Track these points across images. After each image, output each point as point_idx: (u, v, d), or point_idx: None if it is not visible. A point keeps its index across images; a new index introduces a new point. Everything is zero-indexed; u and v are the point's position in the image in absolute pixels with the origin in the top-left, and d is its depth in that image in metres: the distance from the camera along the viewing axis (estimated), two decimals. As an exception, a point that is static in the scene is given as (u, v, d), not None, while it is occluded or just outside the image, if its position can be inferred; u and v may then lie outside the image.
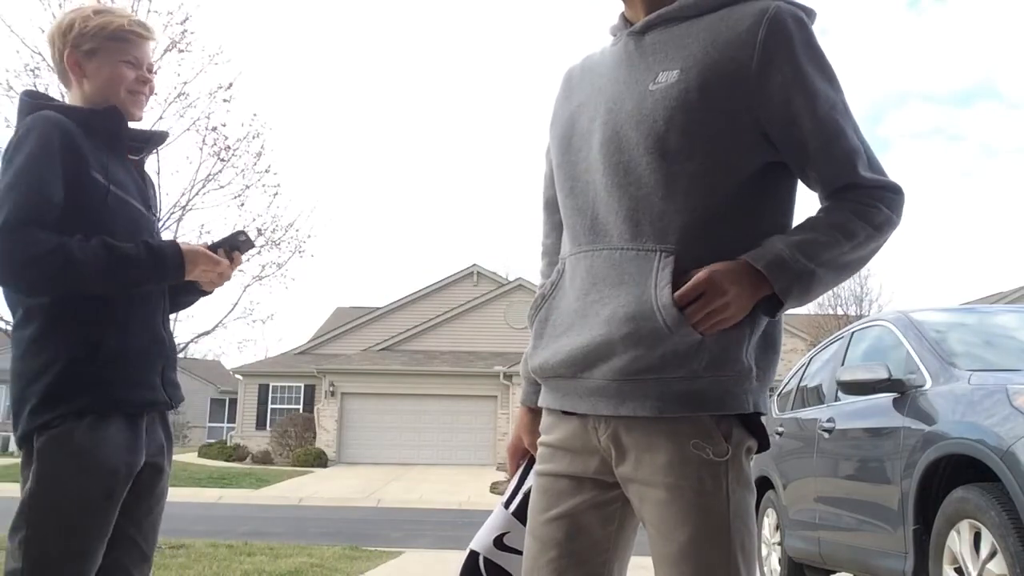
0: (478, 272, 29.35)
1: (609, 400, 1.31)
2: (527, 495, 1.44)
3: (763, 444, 1.34)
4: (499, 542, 1.43)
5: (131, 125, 2.10)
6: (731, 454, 1.28)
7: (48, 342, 1.91)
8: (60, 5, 7.83)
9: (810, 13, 1.36)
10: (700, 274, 1.24)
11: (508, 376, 24.76)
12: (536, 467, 1.45)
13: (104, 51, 2.04)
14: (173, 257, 1.97)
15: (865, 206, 1.32)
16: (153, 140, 2.20)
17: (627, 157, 1.32)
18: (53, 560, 1.84)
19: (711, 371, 1.26)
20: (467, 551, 1.50)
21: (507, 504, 1.50)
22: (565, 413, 1.40)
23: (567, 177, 1.43)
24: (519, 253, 68.90)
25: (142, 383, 1.99)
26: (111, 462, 1.89)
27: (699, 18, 1.34)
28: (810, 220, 1.34)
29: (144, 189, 2.14)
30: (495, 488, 18.02)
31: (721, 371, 1.27)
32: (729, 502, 1.28)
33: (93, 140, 1.97)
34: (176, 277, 2.00)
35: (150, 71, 2.13)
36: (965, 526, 3.54)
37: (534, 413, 1.57)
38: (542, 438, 1.45)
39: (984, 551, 3.40)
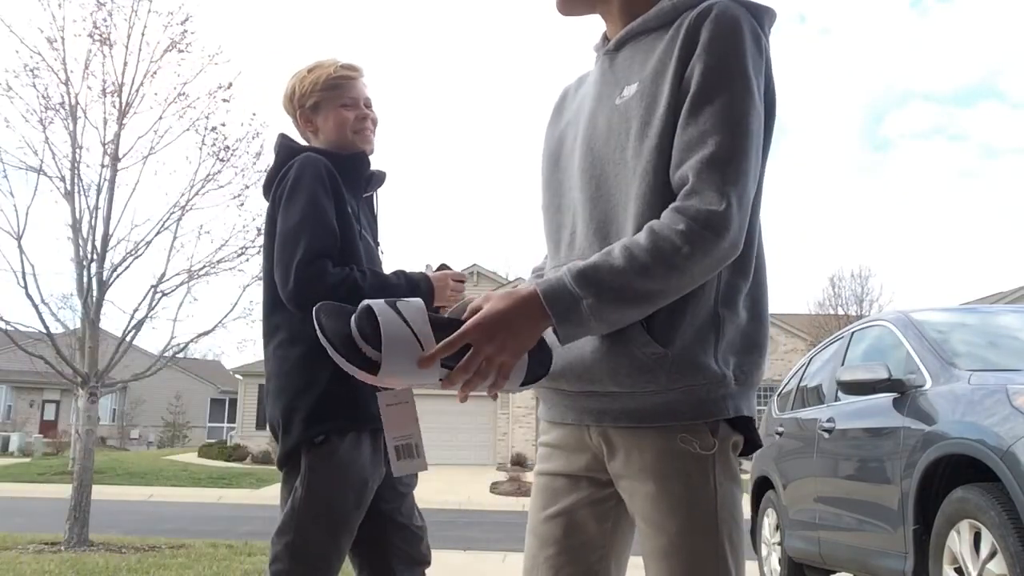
0: (478, 272, 29.34)
1: (591, 413, 1.35)
2: (448, 316, 1.32)
3: (752, 441, 1.34)
4: (393, 302, 1.24)
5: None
6: (718, 448, 1.29)
7: (314, 361, 2.08)
8: (60, 5, 7.84)
9: (757, 11, 1.32)
10: (465, 326, 1.18)
11: (508, 376, 24.72)
12: (536, 467, 1.48)
13: (324, 101, 2.27)
14: (425, 285, 2.21)
15: (662, 234, 1.19)
16: (376, 179, 2.38)
17: (599, 171, 1.34)
18: (314, 559, 2.06)
19: (681, 382, 1.26)
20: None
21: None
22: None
23: (554, 195, 1.46)
24: (519, 253, 68.92)
25: None
26: (364, 475, 2.11)
27: (661, 30, 1.35)
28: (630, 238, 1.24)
29: (374, 225, 2.38)
30: (495, 488, 18.01)
31: (692, 380, 1.26)
32: (717, 494, 1.28)
33: (343, 183, 2.19)
34: (429, 303, 2.22)
35: (368, 106, 2.33)
36: (965, 526, 3.54)
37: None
38: (541, 439, 1.49)
39: (984, 551, 3.40)
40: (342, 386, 2.07)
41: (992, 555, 3.35)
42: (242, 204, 8.38)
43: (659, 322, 1.25)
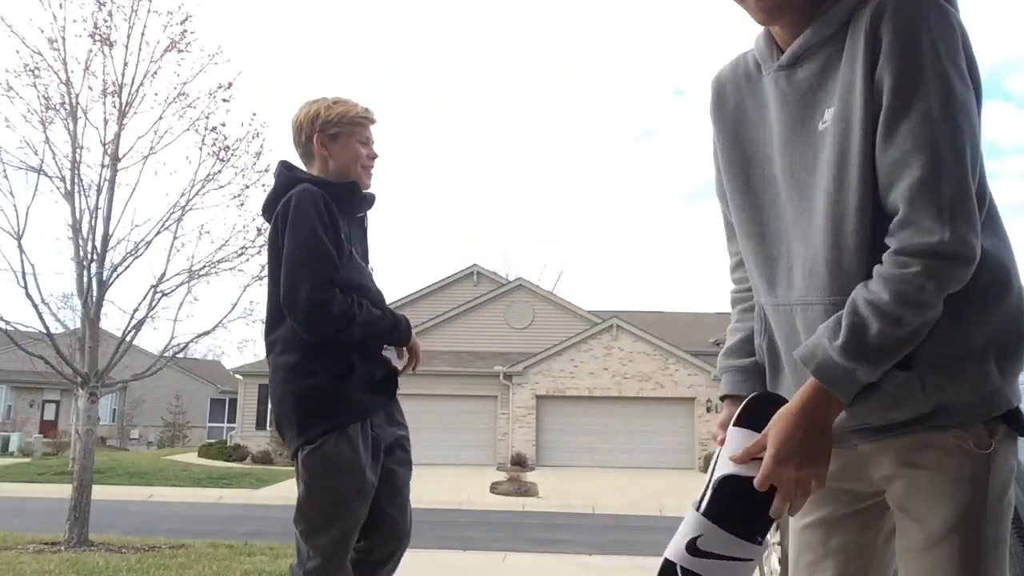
0: (478, 272, 29.36)
1: (857, 434, 1.31)
2: (716, 491, 1.35)
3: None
4: (692, 547, 1.31)
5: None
6: (994, 449, 1.22)
7: (303, 370, 2.33)
8: (60, 5, 7.84)
9: None
10: (764, 471, 1.23)
11: (508, 376, 24.73)
12: None
13: (344, 134, 2.48)
14: (406, 327, 2.51)
15: (900, 280, 1.16)
16: (367, 202, 2.58)
17: (809, 205, 1.29)
18: (324, 544, 2.28)
19: (939, 394, 1.22)
20: (662, 560, 1.38)
21: (698, 506, 1.38)
22: None
23: (753, 222, 1.41)
24: (519, 253, 68.98)
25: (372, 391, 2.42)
26: (358, 464, 2.30)
27: (838, 35, 1.26)
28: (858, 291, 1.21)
29: (364, 242, 2.58)
30: (495, 488, 18.01)
31: (950, 389, 1.22)
32: (987, 497, 1.22)
33: (338, 208, 2.37)
34: (404, 342, 2.51)
35: (373, 151, 2.57)
36: (966, 526, 3.53)
37: (732, 402, 1.47)
38: None
39: (985, 551, 3.39)
40: (330, 386, 2.32)
41: (992, 555, 3.33)
42: (242, 204, 8.39)
43: None
